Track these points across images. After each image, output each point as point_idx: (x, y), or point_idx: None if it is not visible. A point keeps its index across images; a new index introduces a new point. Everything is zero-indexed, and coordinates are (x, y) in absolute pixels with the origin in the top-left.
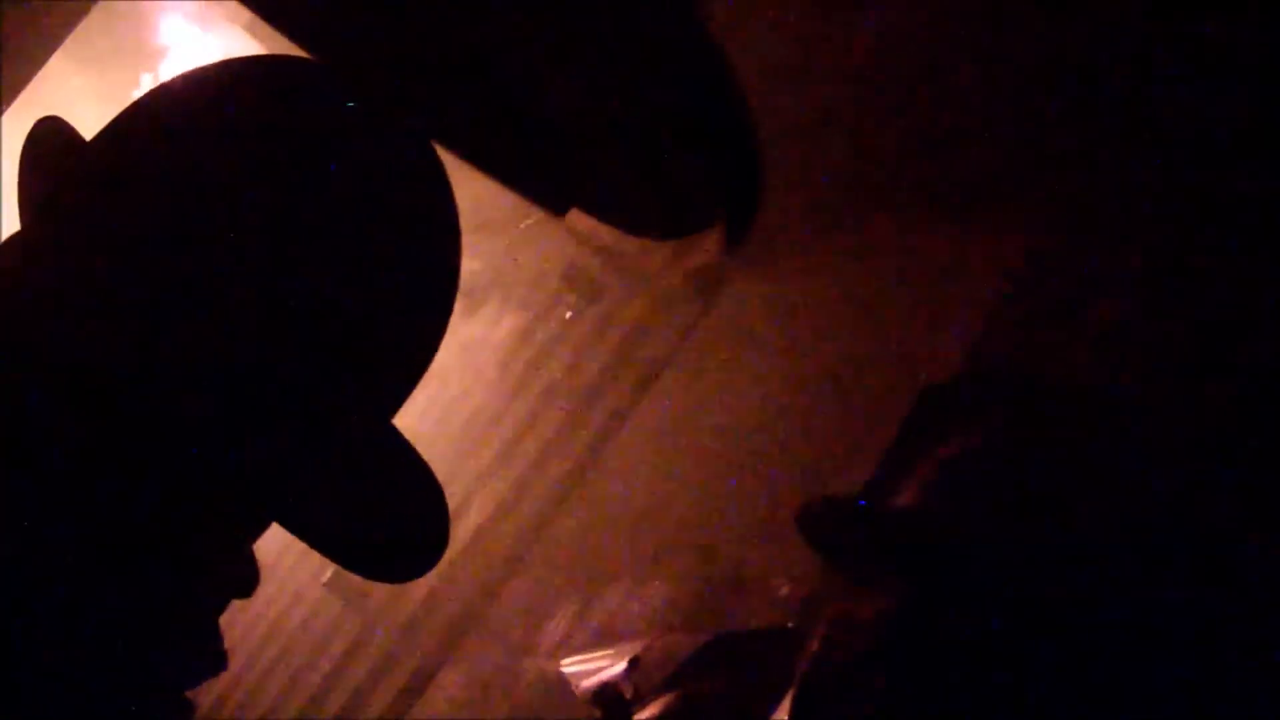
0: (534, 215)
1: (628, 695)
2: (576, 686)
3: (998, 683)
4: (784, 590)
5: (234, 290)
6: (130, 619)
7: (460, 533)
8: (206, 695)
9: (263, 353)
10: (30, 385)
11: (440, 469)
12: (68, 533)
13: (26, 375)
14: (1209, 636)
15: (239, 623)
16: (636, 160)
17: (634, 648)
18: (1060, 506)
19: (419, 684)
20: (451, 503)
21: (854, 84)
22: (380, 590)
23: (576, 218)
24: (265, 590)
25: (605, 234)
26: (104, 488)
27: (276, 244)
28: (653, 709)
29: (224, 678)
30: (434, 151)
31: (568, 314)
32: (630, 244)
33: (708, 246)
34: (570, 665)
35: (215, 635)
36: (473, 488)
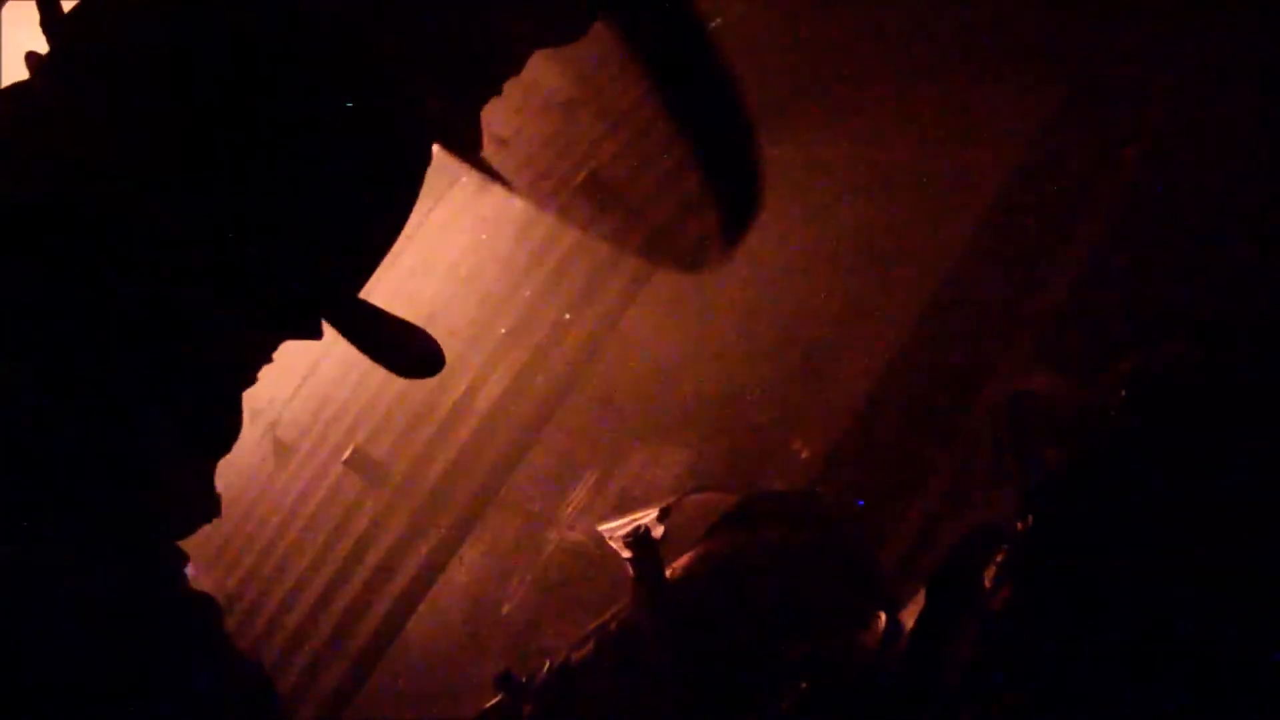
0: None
1: (656, 535)
2: (610, 538)
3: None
4: (804, 454)
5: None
6: (126, 470)
7: (480, 405)
8: (233, 573)
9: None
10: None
11: (458, 341)
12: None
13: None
14: None
15: (263, 503)
16: None
17: (666, 504)
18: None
19: (441, 558)
20: (470, 375)
21: None
22: (401, 466)
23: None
24: (287, 470)
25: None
26: (98, 345)
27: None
28: (685, 559)
29: (250, 555)
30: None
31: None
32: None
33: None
34: (605, 527)
35: (209, 482)
36: (491, 360)
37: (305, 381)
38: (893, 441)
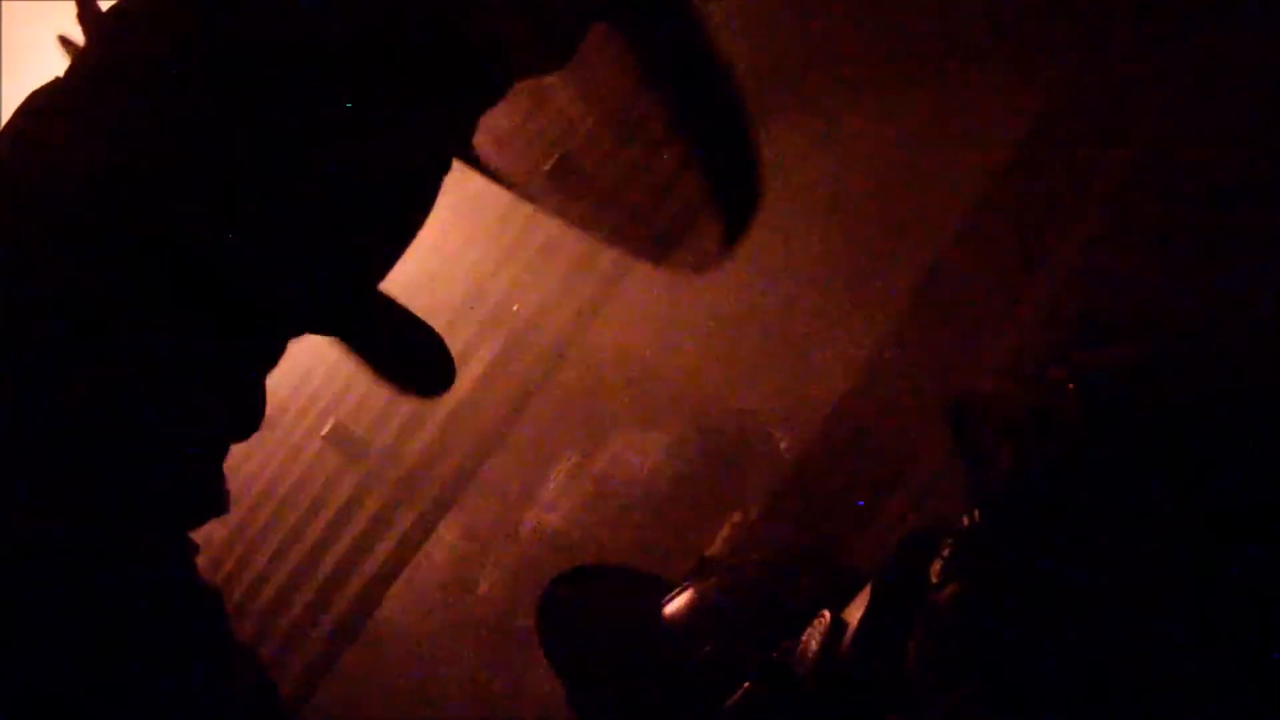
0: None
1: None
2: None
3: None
4: (784, 444)
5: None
6: (139, 461)
7: (461, 384)
8: (207, 548)
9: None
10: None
11: (440, 320)
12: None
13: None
14: None
15: (240, 475)
16: None
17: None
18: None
19: (418, 536)
20: (452, 354)
21: None
22: (379, 443)
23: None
24: (265, 444)
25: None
26: (119, 329)
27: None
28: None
29: (227, 529)
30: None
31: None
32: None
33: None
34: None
35: (219, 476)
36: (474, 339)
37: (287, 354)
38: (877, 433)
